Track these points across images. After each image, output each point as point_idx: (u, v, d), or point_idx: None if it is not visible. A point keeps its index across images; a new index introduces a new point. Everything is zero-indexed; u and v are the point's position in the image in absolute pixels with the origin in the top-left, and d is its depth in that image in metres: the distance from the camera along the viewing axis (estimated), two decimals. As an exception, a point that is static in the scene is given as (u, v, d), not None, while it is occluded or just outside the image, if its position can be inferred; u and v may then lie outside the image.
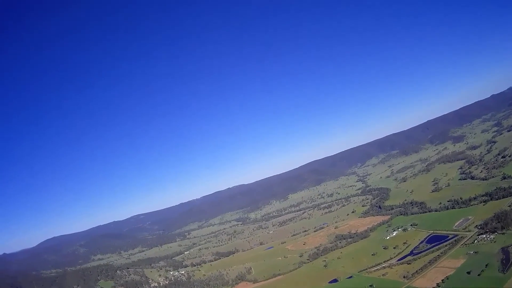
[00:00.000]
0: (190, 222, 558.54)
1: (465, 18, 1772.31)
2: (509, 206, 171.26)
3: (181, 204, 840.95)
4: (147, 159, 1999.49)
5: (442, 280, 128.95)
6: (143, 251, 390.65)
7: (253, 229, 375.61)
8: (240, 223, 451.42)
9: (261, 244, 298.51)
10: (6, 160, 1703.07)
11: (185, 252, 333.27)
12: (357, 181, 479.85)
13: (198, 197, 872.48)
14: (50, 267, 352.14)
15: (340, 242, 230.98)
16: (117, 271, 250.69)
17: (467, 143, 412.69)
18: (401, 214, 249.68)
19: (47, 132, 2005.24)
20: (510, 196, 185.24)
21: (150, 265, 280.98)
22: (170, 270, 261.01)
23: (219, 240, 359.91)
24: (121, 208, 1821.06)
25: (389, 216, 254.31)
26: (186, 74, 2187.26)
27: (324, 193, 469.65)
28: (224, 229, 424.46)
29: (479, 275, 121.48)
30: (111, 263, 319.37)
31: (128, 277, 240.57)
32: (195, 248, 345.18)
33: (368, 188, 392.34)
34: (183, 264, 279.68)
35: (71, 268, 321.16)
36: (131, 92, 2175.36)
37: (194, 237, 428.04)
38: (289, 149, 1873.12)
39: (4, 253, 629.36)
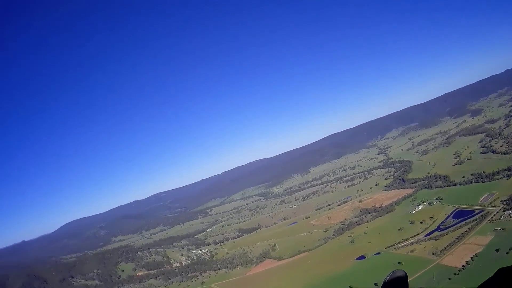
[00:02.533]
0: (212, 198, 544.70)
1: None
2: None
3: (202, 180, 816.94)
4: (166, 137, 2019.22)
5: (471, 257, 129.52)
6: (165, 230, 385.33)
7: (275, 203, 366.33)
8: (262, 198, 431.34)
9: (284, 219, 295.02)
10: (21, 144, 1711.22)
11: (208, 230, 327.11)
12: (378, 154, 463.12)
13: (219, 172, 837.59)
14: (70, 252, 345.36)
15: (365, 217, 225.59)
16: (138, 252, 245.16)
17: (485, 116, 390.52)
18: (425, 188, 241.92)
19: (67, 112, 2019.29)
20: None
21: (172, 244, 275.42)
22: (192, 249, 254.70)
23: (241, 216, 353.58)
24: (142, 187, 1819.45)
25: (413, 190, 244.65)
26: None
27: (345, 166, 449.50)
28: (246, 204, 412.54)
29: (507, 253, 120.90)
30: (131, 244, 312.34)
31: (150, 258, 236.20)
32: (217, 225, 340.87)
33: (390, 161, 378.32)
34: (206, 242, 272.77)
35: (91, 251, 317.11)
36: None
37: (216, 213, 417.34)
38: (308, 123, 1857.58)
39: (23, 241, 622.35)
